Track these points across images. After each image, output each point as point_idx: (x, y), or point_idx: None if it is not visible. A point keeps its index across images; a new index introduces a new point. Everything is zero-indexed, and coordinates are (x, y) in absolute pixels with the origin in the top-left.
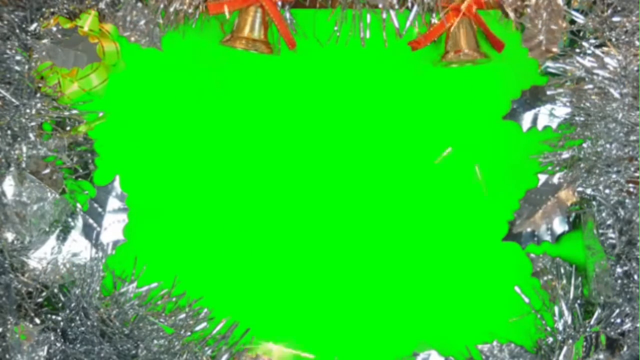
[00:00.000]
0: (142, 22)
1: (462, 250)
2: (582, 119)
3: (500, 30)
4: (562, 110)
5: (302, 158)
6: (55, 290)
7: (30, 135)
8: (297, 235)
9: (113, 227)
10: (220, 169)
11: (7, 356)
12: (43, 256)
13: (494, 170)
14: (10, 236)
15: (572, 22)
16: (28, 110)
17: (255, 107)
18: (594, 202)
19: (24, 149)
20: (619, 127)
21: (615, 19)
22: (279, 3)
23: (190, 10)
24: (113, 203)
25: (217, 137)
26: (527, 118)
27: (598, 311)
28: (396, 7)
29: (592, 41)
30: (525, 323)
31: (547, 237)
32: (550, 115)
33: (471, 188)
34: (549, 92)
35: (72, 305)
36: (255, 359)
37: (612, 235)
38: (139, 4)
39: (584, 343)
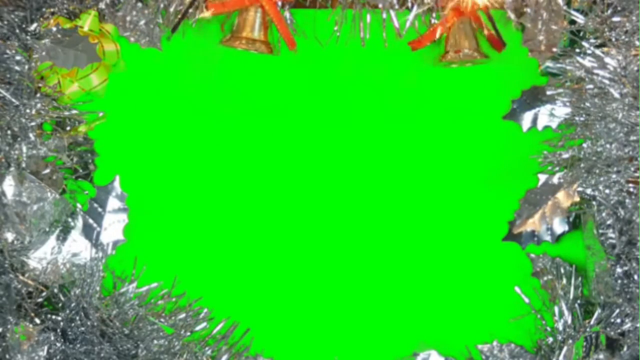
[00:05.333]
0: (142, 22)
1: (462, 250)
2: (582, 119)
3: (500, 30)
4: (562, 110)
5: (302, 158)
6: (55, 290)
7: (30, 135)
8: (297, 235)
9: (113, 227)
10: (221, 169)
11: (7, 356)
12: (43, 256)
13: (494, 170)
14: (10, 236)
15: (572, 22)
16: (28, 110)
17: (255, 108)
18: (594, 202)
19: (24, 149)
20: (619, 127)
21: (615, 19)
22: (279, 3)
23: (190, 10)
24: (113, 203)
25: (217, 137)
26: (527, 118)
27: (598, 311)
28: (396, 7)
29: (592, 41)
30: (525, 323)
31: (547, 237)
32: (550, 115)
33: (471, 188)
34: (549, 92)
35: (72, 305)
36: (255, 359)
37: (612, 235)
38: (139, 4)
39: (584, 343)
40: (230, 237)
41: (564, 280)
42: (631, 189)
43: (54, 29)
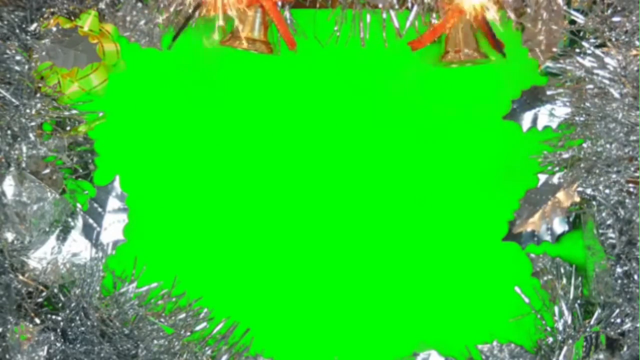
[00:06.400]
0: (142, 22)
1: (462, 250)
2: (582, 119)
3: (500, 30)
4: (562, 110)
5: (302, 158)
6: (55, 290)
7: (30, 135)
8: (297, 235)
9: (113, 227)
10: (220, 169)
11: (7, 356)
12: (43, 256)
13: (494, 170)
14: (10, 236)
15: (572, 22)
16: (28, 110)
17: (256, 108)
18: (594, 202)
19: (24, 149)
20: (619, 127)
21: (615, 19)
22: (279, 3)
23: (190, 10)
24: (113, 203)
25: (217, 137)
26: (527, 118)
27: (598, 311)
28: (396, 7)
29: (592, 41)
30: (525, 323)
31: (547, 237)
32: (550, 115)
33: (471, 188)
34: (549, 92)
35: (72, 305)
36: (255, 359)
37: (612, 235)
38: (139, 4)
39: (584, 343)
40: (230, 237)
41: (564, 280)
42: (631, 189)
43: (54, 29)
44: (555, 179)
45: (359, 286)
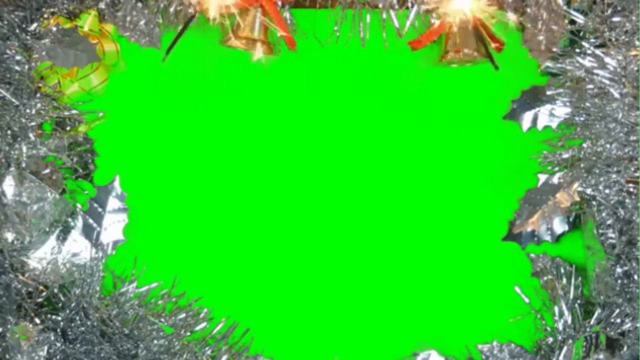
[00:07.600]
0: (142, 22)
1: (462, 250)
2: (582, 119)
3: (501, 30)
4: (562, 110)
5: (301, 158)
6: (55, 290)
7: (30, 135)
8: (297, 235)
9: (113, 227)
10: (221, 169)
11: (7, 356)
12: (43, 256)
13: (494, 170)
14: (10, 236)
15: (572, 22)
16: (28, 110)
17: (255, 107)
18: (594, 202)
19: (24, 149)
20: (619, 127)
21: (615, 19)
22: (279, 3)
23: (190, 10)
24: (113, 203)
25: (217, 137)
26: (527, 118)
27: (598, 311)
28: (396, 7)
29: (592, 41)
30: (525, 323)
31: (547, 237)
32: (550, 115)
33: (471, 188)
34: (549, 92)
35: (72, 305)
36: (255, 359)
37: (612, 235)
38: (139, 4)
39: (584, 343)
40: (230, 237)
41: (564, 280)
42: (631, 189)
43: (54, 29)
44: (555, 179)
45: (359, 286)
